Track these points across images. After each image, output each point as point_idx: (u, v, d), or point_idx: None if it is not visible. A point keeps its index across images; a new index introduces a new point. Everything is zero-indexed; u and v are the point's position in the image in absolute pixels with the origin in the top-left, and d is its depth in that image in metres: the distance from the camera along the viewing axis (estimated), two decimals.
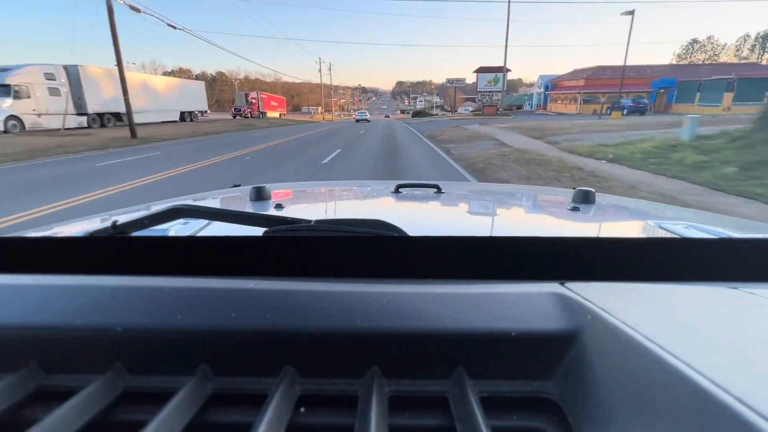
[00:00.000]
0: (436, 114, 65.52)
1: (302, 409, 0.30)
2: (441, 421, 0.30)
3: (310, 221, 0.52)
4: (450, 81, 65.50)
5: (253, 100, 45.00)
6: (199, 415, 0.29)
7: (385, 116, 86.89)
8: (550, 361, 0.32)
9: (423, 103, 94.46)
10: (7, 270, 0.39)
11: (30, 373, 0.32)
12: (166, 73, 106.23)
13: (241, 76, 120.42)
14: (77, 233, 0.71)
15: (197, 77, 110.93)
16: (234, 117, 41.11)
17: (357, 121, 39.58)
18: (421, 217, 1.02)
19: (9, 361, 0.32)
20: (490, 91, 45.82)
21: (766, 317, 0.31)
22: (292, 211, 1.00)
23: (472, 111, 51.37)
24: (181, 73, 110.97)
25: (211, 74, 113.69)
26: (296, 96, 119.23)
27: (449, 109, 71.18)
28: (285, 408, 0.29)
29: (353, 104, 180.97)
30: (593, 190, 1.04)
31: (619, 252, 0.37)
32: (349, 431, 0.28)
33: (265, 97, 49.76)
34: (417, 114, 64.18)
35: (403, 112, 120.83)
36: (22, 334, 0.32)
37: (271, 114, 48.49)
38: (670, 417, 0.22)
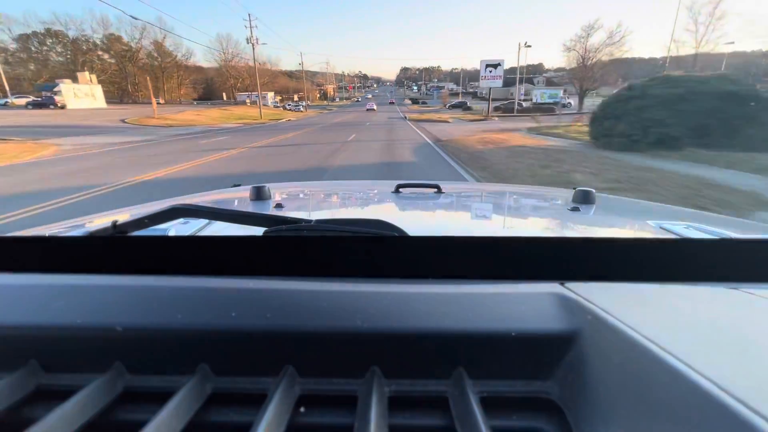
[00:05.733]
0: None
1: (302, 409, 0.30)
2: (441, 421, 0.30)
3: (311, 221, 0.52)
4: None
5: None
6: (198, 415, 0.29)
7: (390, 102, 77.35)
8: (550, 362, 0.31)
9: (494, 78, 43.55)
10: (7, 269, 0.39)
11: (30, 372, 0.31)
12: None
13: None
14: (77, 233, 0.71)
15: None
16: None
17: (368, 110, 47.10)
18: (422, 217, 1.03)
19: (9, 361, 0.31)
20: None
21: (766, 317, 0.31)
22: (292, 211, 1.01)
23: None
24: (49, 36, 68.64)
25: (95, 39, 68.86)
26: (236, 78, 72.27)
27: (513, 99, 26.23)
28: (285, 408, 0.29)
29: (346, 91, 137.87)
30: (593, 190, 1.05)
31: (619, 252, 0.37)
32: (349, 431, 0.28)
33: None
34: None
35: (415, 102, 77.62)
36: (22, 334, 0.32)
37: None
38: (670, 417, 0.22)
